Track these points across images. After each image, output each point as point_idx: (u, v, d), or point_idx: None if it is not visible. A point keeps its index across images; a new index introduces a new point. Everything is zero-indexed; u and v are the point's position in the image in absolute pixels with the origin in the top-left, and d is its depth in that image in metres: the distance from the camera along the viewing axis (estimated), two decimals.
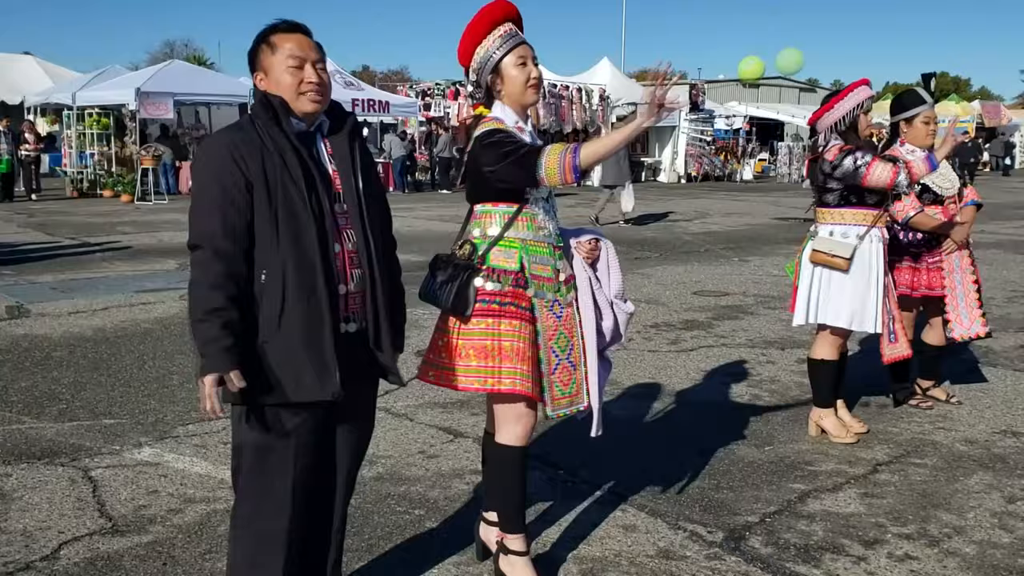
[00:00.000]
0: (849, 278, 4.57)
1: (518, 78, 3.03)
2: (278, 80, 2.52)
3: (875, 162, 4.44)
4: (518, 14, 3.11)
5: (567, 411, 3.15)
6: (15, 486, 4.00)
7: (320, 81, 2.54)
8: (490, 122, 3.05)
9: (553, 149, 2.89)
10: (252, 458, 2.57)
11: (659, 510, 3.86)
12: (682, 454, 4.53)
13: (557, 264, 3.13)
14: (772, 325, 7.62)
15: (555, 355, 3.10)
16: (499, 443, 3.18)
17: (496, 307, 3.02)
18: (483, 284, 3.03)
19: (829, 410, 4.83)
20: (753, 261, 11.66)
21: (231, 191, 2.41)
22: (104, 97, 20.89)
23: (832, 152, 4.57)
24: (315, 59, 2.55)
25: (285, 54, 2.52)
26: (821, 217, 4.72)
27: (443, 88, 27.18)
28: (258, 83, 2.57)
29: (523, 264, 3.05)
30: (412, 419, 5.02)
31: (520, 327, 3.02)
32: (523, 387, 3.01)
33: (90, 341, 6.70)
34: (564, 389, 3.12)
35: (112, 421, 4.89)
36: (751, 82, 9.34)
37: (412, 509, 3.84)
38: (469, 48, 3.08)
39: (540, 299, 3.07)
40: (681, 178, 30.61)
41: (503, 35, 3.04)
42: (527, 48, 3.05)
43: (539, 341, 3.06)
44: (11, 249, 11.68)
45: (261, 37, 2.57)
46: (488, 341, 3.01)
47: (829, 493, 4.09)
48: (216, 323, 2.37)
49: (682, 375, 6.01)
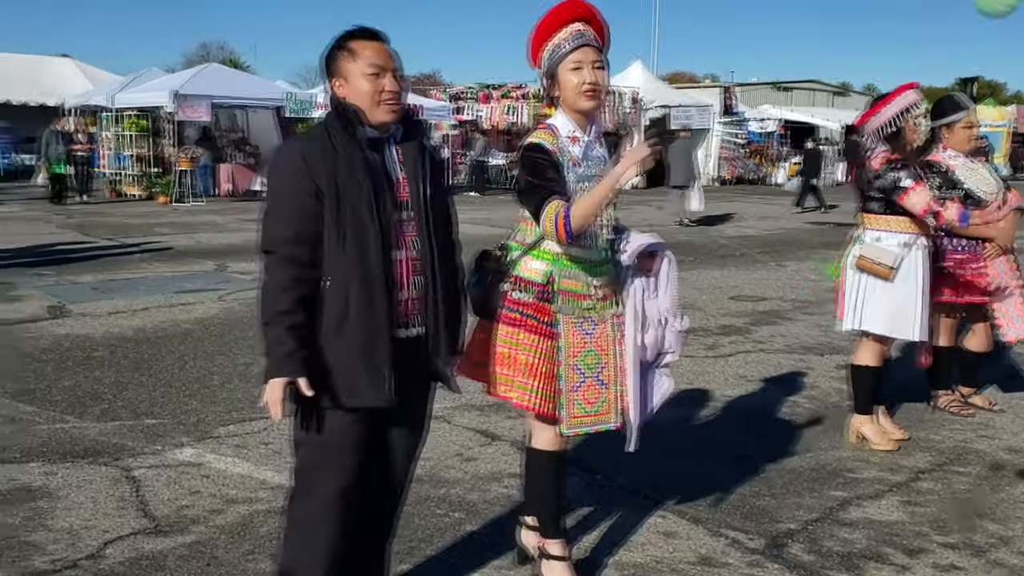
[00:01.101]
0: (892, 285, 4.52)
1: (570, 82, 2.97)
2: (357, 87, 2.54)
3: (915, 188, 4.40)
4: (592, 14, 3.02)
5: (589, 430, 3.12)
6: (60, 484, 4.06)
7: (398, 90, 2.56)
8: (540, 132, 3.01)
9: (549, 209, 2.83)
10: (307, 457, 2.61)
11: (699, 517, 3.83)
12: (721, 460, 4.51)
13: (594, 281, 3.07)
14: (810, 331, 7.55)
15: (579, 372, 3.05)
16: (533, 447, 3.19)
17: (517, 316, 3.02)
18: (510, 292, 3.04)
19: (869, 417, 4.78)
20: (789, 266, 11.58)
21: (302, 197, 2.45)
22: (141, 99, 21.11)
23: (878, 160, 4.50)
24: (393, 68, 2.57)
25: (365, 61, 2.53)
26: (867, 222, 4.67)
27: (475, 92, 27.25)
28: (336, 89, 2.59)
29: (551, 277, 3.02)
30: (450, 421, 5.03)
31: (536, 342, 3.01)
32: (530, 402, 3.01)
33: (131, 341, 6.79)
34: (588, 407, 3.08)
35: (154, 421, 4.95)
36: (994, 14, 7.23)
37: (452, 512, 3.85)
38: (536, 48, 3.04)
39: (566, 315, 3.03)
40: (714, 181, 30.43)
41: (568, 36, 2.98)
42: (588, 52, 2.96)
43: (559, 357, 3.03)
44: (51, 249, 11.86)
45: (339, 43, 2.59)
46: (505, 349, 3.03)
47: (871, 501, 4.04)
48: (282, 326, 2.42)
49: (720, 381, 5.98)
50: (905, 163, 4.46)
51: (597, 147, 3.10)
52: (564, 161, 2.96)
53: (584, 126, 3.05)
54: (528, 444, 3.23)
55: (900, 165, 4.44)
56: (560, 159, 2.95)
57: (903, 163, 4.45)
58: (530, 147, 2.98)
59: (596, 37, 3.03)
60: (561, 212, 2.81)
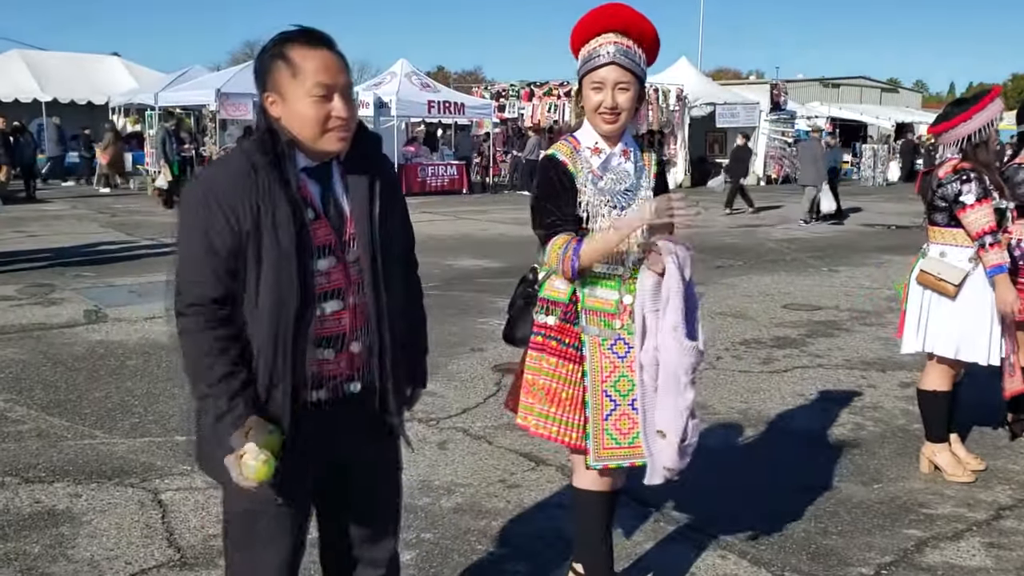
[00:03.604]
0: (958, 304, 4.17)
1: (589, 101, 2.76)
2: (298, 112, 2.06)
3: (977, 206, 4.04)
4: (633, 24, 2.73)
5: (623, 463, 2.81)
6: (84, 509, 3.87)
7: (350, 115, 2.09)
8: (561, 143, 2.82)
9: (557, 243, 2.67)
10: (239, 530, 2.26)
11: (762, 557, 3.54)
12: (783, 491, 4.20)
13: (625, 298, 2.78)
14: (870, 344, 7.18)
15: (610, 399, 2.78)
16: (576, 487, 2.94)
17: (541, 340, 2.81)
18: (536, 315, 2.83)
19: (943, 445, 4.43)
20: (843, 271, 11.15)
21: (218, 247, 2.03)
22: (185, 98, 21.17)
23: (946, 168, 4.17)
24: (343, 84, 2.08)
25: (310, 81, 2.04)
26: (931, 235, 4.33)
27: (518, 89, 26.99)
28: (269, 106, 2.09)
29: (576, 296, 2.76)
30: (491, 442, 4.77)
31: (557, 365, 2.76)
32: (547, 432, 2.79)
33: (165, 349, 6.61)
34: (620, 438, 2.79)
35: (183, 438, 4.75)
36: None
37: (494, 548, 3.59)
38: (576, 45, 2.80)
39: (592, 336, 2.77)
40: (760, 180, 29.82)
41: (599, 49, 2.72)
42: (613, 71, 2.69)
43: (586, 382, 2.77)
44: (93, 250, 11.82)
45: (276, 50, 2.08)
46: (530, 376, 2.82)
47: (950, 542, 3.72)
48: (225, 395, 2.05)
49: (777, 399, 5.65)
50: (977, 174, 4.09)
51: (624, 160, 2.82)
52: (583, 173, 2.74)
53: (612, 139, 2.81)
54: (573, 483, 2.96)
55: (969, 176, 4.08)
56: (576, 170, 2.74)
57: (975, 174, 4.09)
58: (545, 161, 2.80)
59: (637, 51, 2.73)
60: (570, 251, 2.65)
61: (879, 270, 11.25)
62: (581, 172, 2.73)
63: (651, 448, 2.77)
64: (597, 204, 2.73)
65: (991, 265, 4.07)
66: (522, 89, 26.84)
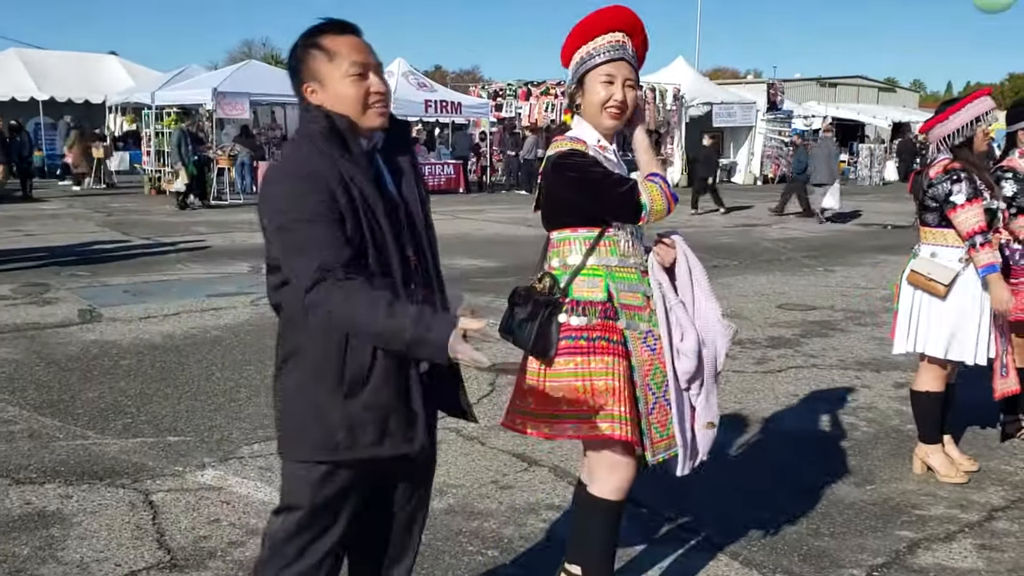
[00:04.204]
0: (948, 304, 4.16)
1: (597, 96, 2.71)
2: (339, 93, 2.13)
3: (967, 206, 4.03)
4: (634, 26, 2.75)
5: (665, 455, 2.80)
6: (75, 510, 3.86)
7: (387, 89, 2.20)
8: (565, 141, 2.75)
9: (648, 186, 2.68)
10: (305, 518, 2.24)
11: (754, 559, 3.53)
12: (776, 492, 4.20)
13: (648, 291, 2.79)
14: (864, 344, 7.18)
15: (652, 392, 2.75)
16: (595, 495, 2.86)
17: (584, 343, 2.68)
18: (568, 319, 2.70)
19: (936, 446, 4.43)
20: (839, 271, 11.15)
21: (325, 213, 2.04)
22: (182, 97, 21.12)
23: (936, 168, 4.17)
24: (376, 64, 2.18)
25: (347, 61, 2.13)
26: (922, 236, 4.32)
27: (515, 89, 26.97)
28: (309, 95, 2.17)
29: (610, 293, 2.72)
30: (484, 443, 4.76)
31: (613, 363, 2.68)
32: (622, 431, 2.65)
33: (159, 349, 6.61)
34: (661, 431, 2.77)
35: (176, 438, 4.75)
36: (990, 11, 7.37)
37: (485, 549, 3.58)
38: (571, 51, 2.77)
39: (632, 331, 2.73)
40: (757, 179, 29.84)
41: (605, 44, 2.71)
42: (623, 67, 2.70)
43: (635, 378, 2.73)
44: (88, 249, 11.80)
45: (308, 41, 2.17)
46: (579, 382, 2.67)
47: (942, 543, 3.71)
48: (402, 308, 2.00)
49: (771, 399, 5.65)
50: (967, 174, 4.08)
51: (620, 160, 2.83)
52: None
53: (609, 137, 2.80)
54: (588, 489, 2.89)
55: (959, 176, 4.07)
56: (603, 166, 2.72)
57: (965, 174, 4.08)
58: (566, 154, 2.71)
59: (635, 54, 2.77)
60: (662, 184, 2.70)
61: (875, 270, 11.25)
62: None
63: (697, 440, 2.82)
64: None
65: (982, 265, 4.06)
66: (519, 88, 26.83)
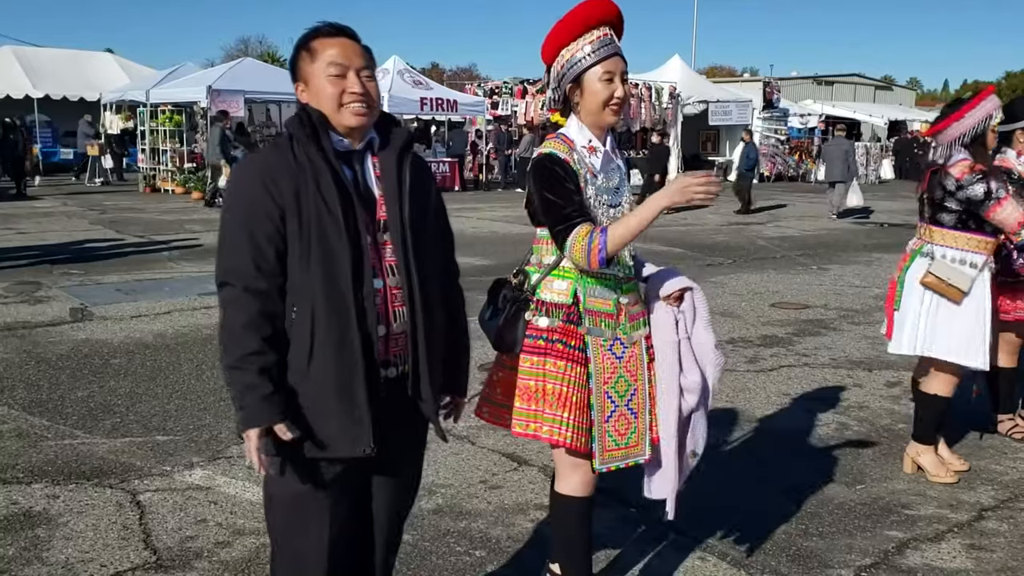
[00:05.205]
0: (962, 309, 4.13)
1: (600, 94, 2.67)
2: (318, 91, 2.24)
3: (1007, 200, 4.01)
4: (618, 17, 2.73)
5: (620, 464, 2.80)
6: (61, 510, 3.84)
7: (365, 91, 2.24)
8: (554, 142, 2.72)
9: (580, 233, 2.57)
10: (285, 512, 2.32)
11: (742, 559, 3.52)
12: (765, 491, 4.19)
13: (621, 298, 2.77)
14: (857, 343, 7.17)
15: (611, 400, 2.75)
16: (560, 493, 2.88)
17: (543, 344, 2.71)
18: (534, 319, 2.73)
19: (929, 447, 4.42)
20: (832, 270, 11.15)
21: (262, 222, 2.15)
22: (176, 94, 21.08)
23: (961, 170, 4.09)
24: (360, 66, 2.25)
25: (326, 61, 2.23)
26: (932, 237, 4.25)
27: (511, 86, 26.92)
28: (299, 94, 2.30)
29: (577, 297, 2.72)
30: (474, 442, 4.75)
31: (566, 368, 2.69)
32: (562, 437, 2.69)
33: (150, 348, 6.59)
34: (619, 439, 2.77)
35: (165, 438, 4.73)
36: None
37: (473, 549, 3.57)
38: (555, 47, 2.73)
39: (595, 337, 2.73)
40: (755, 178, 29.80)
41: (596, 41, 2.67)
42: (619, 62, 2.68)
43: (591, 384, 2.73)
44: (81, 247, 11.76)
45: (301, 43, 2.29)
46: (532, 381, 2.71)
47: (930, 543, 3.70)
48: (252, 369, 2.12)
49: (762, 398, 5.64)
50: (992, 173, 4.07)
51: (614, 157, 2.79)
52: (582, 172, 2.67)
53: (601, 136, 2.76)
54: (553, 488, 2.93)
55: (987, 175, 4.05)
56: (576, 169, 2.66)
57: (990, 172, 4.07)
58: (544, 158, 2.67)
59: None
60: (596, 240, 2.54)
61: (869, 268, 11.25)
62: (580, 171, 2.67)
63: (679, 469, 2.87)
64: (596, 204, 2.69)
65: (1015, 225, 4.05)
66: (515, 86, 26.78)
